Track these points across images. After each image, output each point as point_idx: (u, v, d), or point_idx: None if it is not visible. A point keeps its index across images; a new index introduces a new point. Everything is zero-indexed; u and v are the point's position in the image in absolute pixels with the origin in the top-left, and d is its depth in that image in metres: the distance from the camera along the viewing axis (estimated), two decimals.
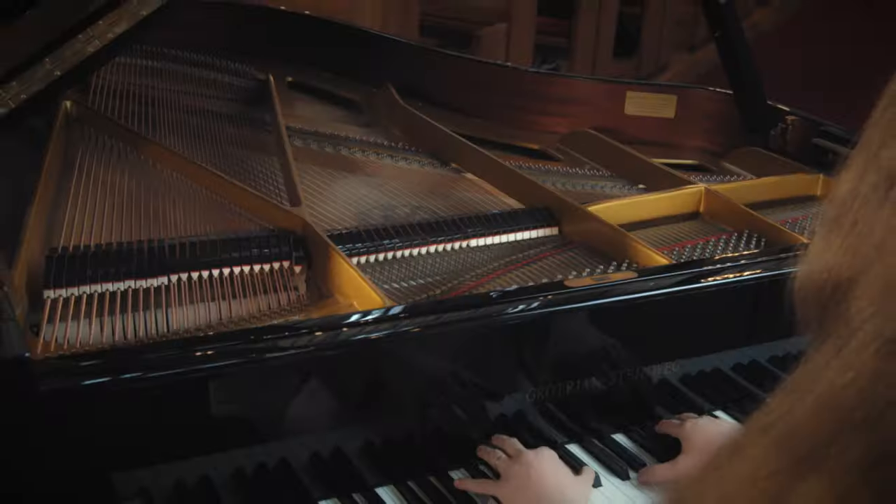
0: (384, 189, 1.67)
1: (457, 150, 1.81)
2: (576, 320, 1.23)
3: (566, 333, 1.22)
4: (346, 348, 1.09)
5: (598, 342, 1.24)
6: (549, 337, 1.22)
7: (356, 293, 1.25)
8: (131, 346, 1.13)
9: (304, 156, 1.74)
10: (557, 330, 1.22)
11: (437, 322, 1.14)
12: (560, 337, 1.22)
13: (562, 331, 1.22)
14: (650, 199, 1.64)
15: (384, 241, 1.42)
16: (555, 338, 1.22)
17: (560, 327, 1.22)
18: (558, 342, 1.22)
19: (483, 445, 1.17)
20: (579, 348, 1.23)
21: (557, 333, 1.22)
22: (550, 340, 1.22)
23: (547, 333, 1.21)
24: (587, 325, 1.23)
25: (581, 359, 1.24)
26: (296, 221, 1.40)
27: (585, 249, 1.49)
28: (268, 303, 1.26)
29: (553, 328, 1.22)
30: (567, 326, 1.22)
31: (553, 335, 1.22)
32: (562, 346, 1.22)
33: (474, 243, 1.49)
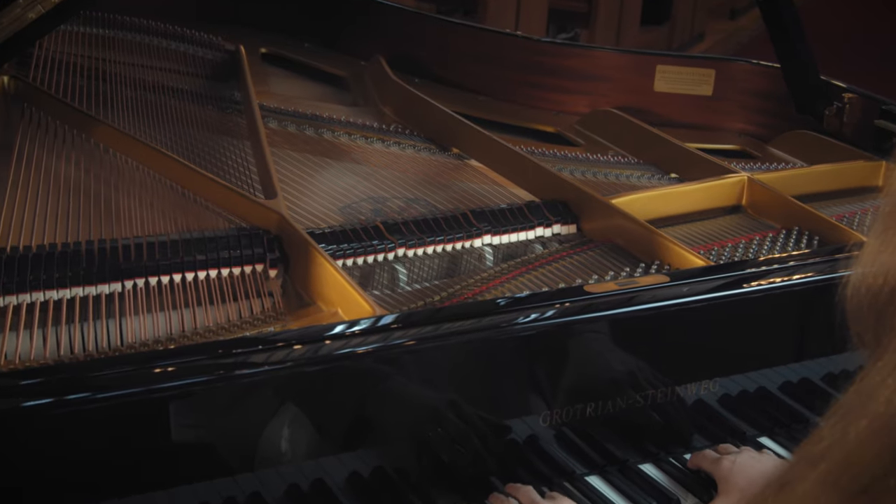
0: (374, 179, 1.67)
1: (459, 133, 1.81)
2: (597, 332, 1.23)
3: (586, 347, 1.22)
4: (329, 364, 1.09)
5: (623, 357, 1.24)
6: (567, 351, 1.21)
7: (341, 300, 1.25)
8: (79, 362, 1.13)
9: (280, 140, 1.74)
10: (576, 343, 1.22)
11: (435, 334, 1.14)
12: (579, 351, 1.22)
13: (581, 344, 1.22)
14: (684, 191, 1.64)
15: (374, 241, 1.42)
16: (573, 352, 1.22)
17: (579, 340, 1.22)
18: (577, 357, 1.22)
19: (496, 494, 1.18)
20: (601, 365, 1.23)
21: (576, 347, 1.22)
22: (568, 355, 1.22)
23: (564, 347, 1.21)
24: (611, 338, 1.23)
25: (603, 377, 1.24)
26: (271, 217, 1.39)
27: (609, 249, 1.49)
28: (238, 312, 1.26)
29: (571, 341, 1.21)
30: (587, 339, 1.22)
31: (571, 349, 1.22)
32: (581, 362, 1.22)
33: (479, 242, 1.49)
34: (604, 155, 1.89)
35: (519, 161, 1.70)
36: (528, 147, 1.87)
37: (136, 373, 1.03)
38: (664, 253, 1.42)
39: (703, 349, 1.30)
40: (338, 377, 1.10)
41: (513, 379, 1.20)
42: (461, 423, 1.16)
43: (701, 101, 2.06)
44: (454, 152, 1.83)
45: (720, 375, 1.31)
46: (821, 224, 1.55)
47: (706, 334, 1.30)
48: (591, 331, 1.22)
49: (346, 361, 1.10)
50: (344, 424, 1.12)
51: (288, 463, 1.09)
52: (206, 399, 1.05)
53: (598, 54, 2.12)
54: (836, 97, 1.90)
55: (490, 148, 1.76)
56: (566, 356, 1.22)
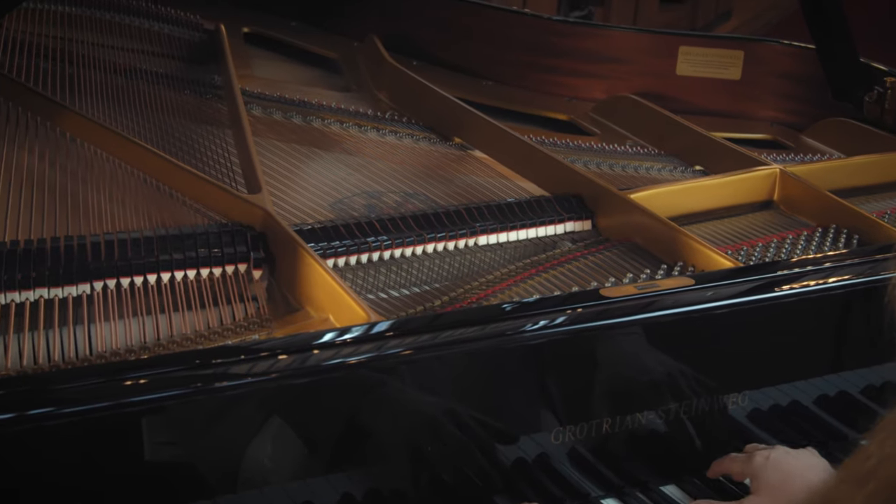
0: (368, 171, 1.67)
1: (461, 121, 1.81)
2: (614, 341, 1.22)
3: (602, 357, 1.22)
4: (319, 376, 1.09)
5: (642, 369, 1.24)
6: (580, 362, 1.21)
7: (331, 305, 1.25)
8: (42, 372, 1.12)
9: (265, 128, 1.74)
10: (591, 353, 1.22)
11: (434, 342, 1.14)
12: (594, 362, 1.22)
13: (596, 354, 1.22)
14: (710, 185, 1.64)
15: (368, 239, 1.42)
16: (587, 363, 1.22)
17: (594, 349, 1.22)
18: (592, 369, 1.22)
19: None
20: (618, 377, 1.23)
21: (591, 357, 1.22)
22: (582, 366, 1.21)
23: (577, 357, 1.21)
24: (629, 347, 1.23)
25: (621, 390, 1.23)
26: (255, 213, 1.39)
27: (627, 249, 1.49)
28: (218, 317, 1.26)
29: (585, 351, 1.21)
30: (603, 348, 1.22)
31: (585, 360, 1.21)
32: (596, 373, 1.22)
33: (484, 241, 1.49)
34: (621, 145, 1.88)
35: (528, 152, 1.70)
36: (537, 136, 1.87)
37: (106, 385, 1.03)
38: (688, 253, 1.42)
39: (731, 359, 1.30)
40: (328, 390, 1.10)
41: (521, 392, 1.19)
42: (464, 440, 1.16)
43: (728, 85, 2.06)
44: (456, 142, 1.83)
45: (750, 388, 1.30)
46: (860, 221, 1.55)
47: (734, 343, 1.29)
48: (607, 339, 1.22)
49: (337, 373, 1.10)
50: (334, 442, 1.12)
51: (273, 484, 1.09)
52: (182, 414, 1.04)
53: (614, 34, 2.12)
54: (878, 81, 1.90)
55: (496, 137, 1.75)
56: (579, 367, 1.21)
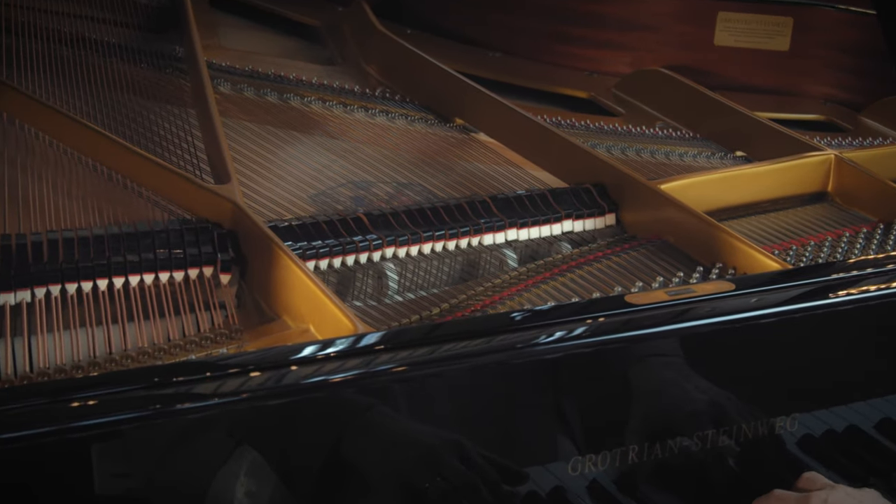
0: (355, 158, 1.67)
1: (464, 98, 1.81)
2: (642, 355, 1.22)
3: (627, 375, 1.22)
4: (297, 397, 1.09)
5: (675, 387, 1.24)
6: (603, 380, 1.21)
7: (312, 314, 1.25)
8: None
9: (235, 108, 1.74)
10: (614, 369, 1.21)
11: (432, 357, 1.14)
12: (618, 380, 1.22)
13: (621, 371, 1.22)
14: (753, 173, 1.64)
15: (355, 237, 1.42)
16: (611, 381, 1.22)
17: (618, 365, 1.22)
18: (616, 388, 1.22)
19: None
20: (647, 397, 1.23)
21: (615, 375, 1.22)
22: (604, 385, 1.21)
23: (599, 375, 1.21)
24: (659, 363, 1.23)
25: (650, 413, 1.23)
26: (223, 207, 1.39)
27: (657, 248, 1.49)
28: (180, 328, 1.26)
29: (608, 367, 1.21)
30: (629, 364, 1.22)
31: (608, 378, 1.21)
32: (621, 393, 1.22)
33: (490, 239, 1.49)
34: (650, 127, 1.88)
35: (541, 135, 1.70)
36: (553, 117, 1.87)
37: (49, 407, 1.02)
38: (728, 253, 1.42)
39: (778, 377, 1.30)
40: (308, 413, 1.10)
41: (533, 415, 1.19)
42: (467, 471, 1.16)
43: (775, 57, 2.06)
44: (458, 124, 1.83)
45: (800, 410, 1.30)
46: None
47: (782, 358, 1.29)
48: (633, 354, 1.22)
49: (319, 393, 1.09)
50: (315, 475, 1.12)
51: None
52: (138, 441, 1.04)
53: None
54: None
55: (504, 118, 1.75)
56: (601, 386, 1.21)
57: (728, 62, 2.05)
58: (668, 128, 1.90)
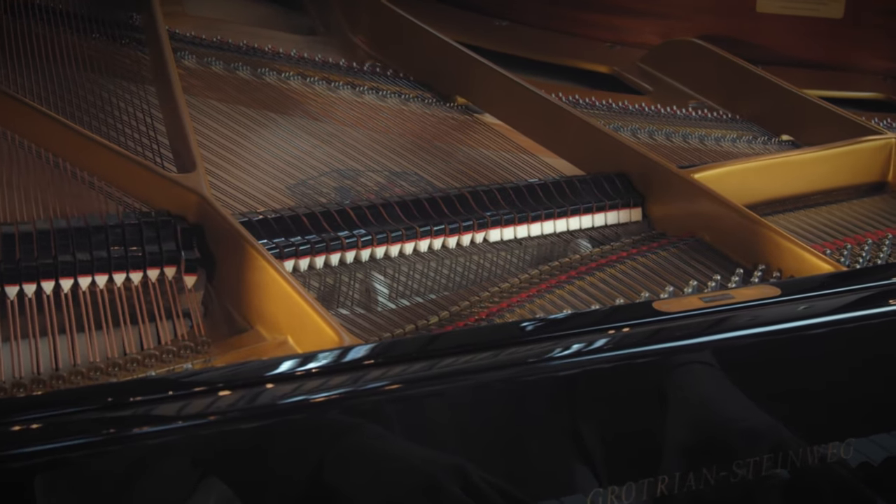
0: (340, 143, 1.67)
1: (467, 74, 1.81)
2: (673, 371, 1.22)
3: (656, 394, 1.22)
4: (274, 419, 1.08)
5: (710, 408, 1.24)
6: (627, 400, 1.21)
7: (291, 323, 1.25)
8: None
9: (201, 85, 1.74)
10: (641, 388, 1.21)
11: (430, 374, 1.14)
12: (645, 400, 1.22)
13: (649, 389, 1.21)
14: (802, 160, 1.64)
15: (340, 233, 1.41)
16: (636, 402, 1.21)
17: (646, 383, 1.21)
18: (643, 409, 1.22)
19: None
20: (678, 419, 1.23)
21: (641, 394, 1.21)
22: (629, 406, 1.21)
23: (623, 394, 1.21)
24: (692, 380, 1.23)
25: (682, 438, 1.23)
26: (187, 199, 1.39)
27: (689, 248, 1.49)
28: (138, 340, 1.26)
29: (634, 385, 1.21)
30: (658, 382, 1.22)
31: (633, 397, 1.21)
32: (649, 415, 1.22)
33: (496, 236, 1.49)
34: (682, 107, 1.88)
35: (556, 116, 1.70)
36: (569, 96, 1.86)
37: None
38: (772, 253, 1.42)
39: (831, 395, 1.30)
40: (285, 439, 1.10)
41: (547, 441, 1.19)
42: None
43: (827, 26, 2.05)
44: (459, 103, 1.82)
45: (856, 434, 1.30)
46: None
47: (834, 373, 1.29)
48: (662, 369, 1.22)
49: (299, 415, 1.09)
50: None
51: None
52: (90, 472, 1.04)
53: None
54: None
55: (513, 97, 1.75)
56: (626, 407, 1.21)
57: (773, 32, 2.05)
58: (703, 108, 1.89)
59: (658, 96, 1.94)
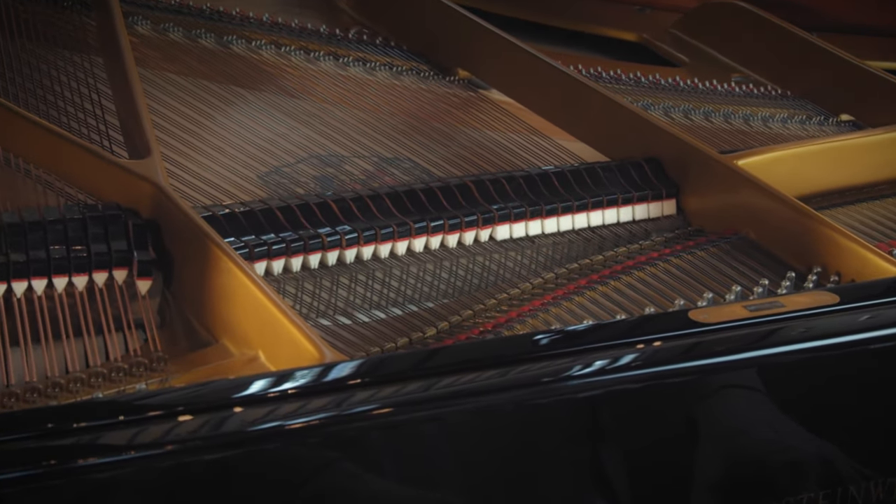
0: (321, 123, 1.67)
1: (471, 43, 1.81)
2: (713, 393, 1.23)
3: (692, 419, 1.22)
4: (243, 449, 1.09)
5: (757, 435, 1.24)
6: (658, 426, 1.21)
7: (263, 335, 1.25)
8: None
9: (157, 55, 1.73)
10: (674, 412, 1.22)
11: (427, 396, 1.14)
12: (680, 426, 1.22)
13: (683, 414, 1.22)
14: (865, 144, 1.65)
15: (321, 230, 1.42)
16: (669, 428, 1.22)
17: (680, 407, 1.22)
18: (676, 437, 1.22)
19: None
20: (719, 449, 1.23)
21: (674, 419, 1.22)
22: (660, 434, 1.22)
23: (653, 419, 1.21)
24: (735, 403, 1.23)
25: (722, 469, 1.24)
26: (140, 189, 1.39)
27: (732, 247, 1.49)
28: (82, 355, 1.26)
29: (666, 408, 1.21)
30: (695, 405, 1.22)
31: (665, 422, 1.21)
32: (684, 444, 1.22)
33: (504, 233, 1.50)
34: (723, 82, 1.88)
35: (575, 92, 1.70)
36: (591, 68, 1.86)
37: None
38: (830, 253, 1.42)
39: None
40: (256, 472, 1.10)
41: (563, 473, 1.19)
42: None
43: None
44: (461, 77, 1.82)
45: None
46: None
47: None
48: (700, 391, 1.22)
49: (272, 444, 1.09)
50: None
51: None
52: None
53: None
54: None
55: (524, 69, 1.75)
56: (656, 435, 1.21)
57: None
58: (748, 82, 1.89)
59: (695, 69, 1.94)
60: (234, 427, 1.09)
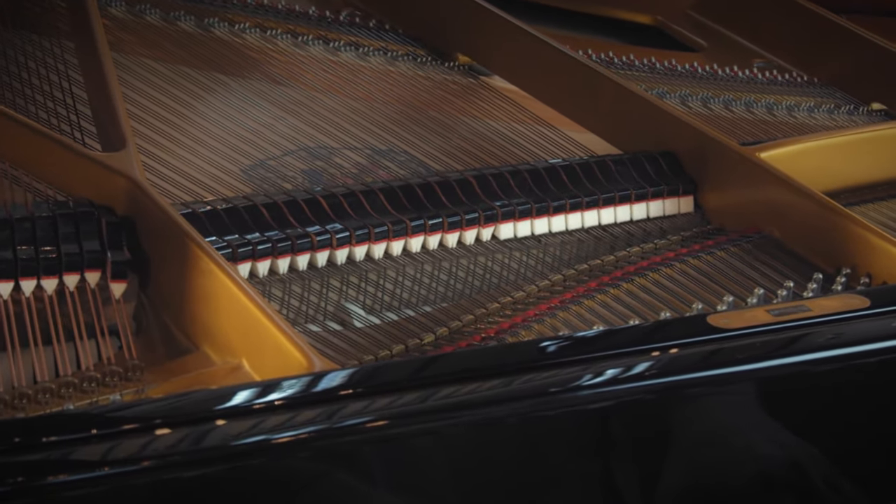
0: (310, 113, 1.68)
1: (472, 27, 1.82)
2: (733, 405, 1.23)
3: (711, 434, 1.22)
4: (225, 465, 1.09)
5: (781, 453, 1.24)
6: (674, 442, 1.22)
7: (247, 343, 1.25)
8: None
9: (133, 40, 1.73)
10: (692, 426, 1.22)
11: (424, 408, 1.14)
12: (697, 442, 1.22)
13: (701, 428, 1.22)
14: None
15: (309, 229, 1.42)
16: (685, 444, 1.22)
17: (698, 420, 1.22)
18: (693, 454, 1.22)
19: None
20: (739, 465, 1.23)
21: (691, 434, 1.22)
22: (676, 448, 1.22)
23: (669, 434, 1.21)
24: (758, 416, 1.23)
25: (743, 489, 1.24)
26: (114, 184, 1.39)
27: (755, 246, 1.50)
28: (52, 364, 1.26)
29: (683, 422, 1.22)
30: (713, 418, 1.22)
31: (682, 438, 1.22)
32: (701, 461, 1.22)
33: (508, 231, 1.50)
34: (744, 68, 1.89)
35: (585, 79, 1.70)
36: (602, 53, 1.86)
37: None
38: (860, 253, 1.43)
39: None
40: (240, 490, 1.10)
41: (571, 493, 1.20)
42: None
43: None
44: (461, 62, 1.82)
45: None
46: None
47: None
48: (719, 402, 1.22)
49: (257, 459, 1.09)
50: None
51: None
52: None
53: None
54: None
55: (529, 55, 1.76)
56: (672, 450, 1.22)
57: None
58: (772, 68, 1.89)
59: (714, 54, 1.94)
60: (215, 441, 1.09)
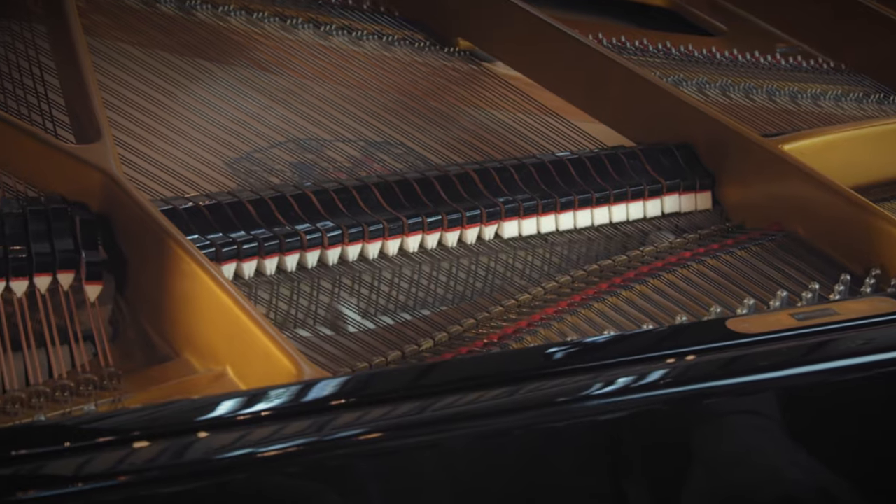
0: (299, 102, 1.68)
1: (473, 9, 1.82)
2: (753, 416, 1.23)
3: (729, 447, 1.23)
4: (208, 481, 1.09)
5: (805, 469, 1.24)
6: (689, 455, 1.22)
7: (232, 349, 1.25)
8: None
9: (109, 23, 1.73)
10: (709, 438, 1.22)
11: (422, 419, 1.14)
12: (714, 455, 1.22)
13: (719, 441, 1.22)
14: None
15: (298, 226, 1.42)
16: (702, 457, 1.22)
17: (715, 432, 1.22)
18: (710, 468, 1.22)
19: None
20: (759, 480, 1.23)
21: (708, 447, 1.22)
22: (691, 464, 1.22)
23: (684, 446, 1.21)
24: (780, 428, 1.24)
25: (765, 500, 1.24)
26: (89, 179, 1.40)
27: (778, 245, 1.50)
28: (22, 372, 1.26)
29: (700, 434, 1.22)
30: (732, 430, 1.23)
31: (698, 451, 1.22)
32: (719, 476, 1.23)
33: (513, 229, 1.50)
34: (766, 53, 1.89)
35: (596, 66, 1.71)
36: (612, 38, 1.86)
37: None
38: (891, 252, 1.43)
39: None
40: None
41: None
42: None
43: None
44: (462, 48, 1.82)
45: None
46: None
47: None
48: (739, 413, 1.23)
49: (242, 474, 1.09)
50: None
51: None
52: None
53: None
54: None
55: (536, 40, 1.76)
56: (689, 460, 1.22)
57: None
58: (796, 54, 1.89)
59: (734, 38, 1.94)
60: (197, 455, 1.09)
